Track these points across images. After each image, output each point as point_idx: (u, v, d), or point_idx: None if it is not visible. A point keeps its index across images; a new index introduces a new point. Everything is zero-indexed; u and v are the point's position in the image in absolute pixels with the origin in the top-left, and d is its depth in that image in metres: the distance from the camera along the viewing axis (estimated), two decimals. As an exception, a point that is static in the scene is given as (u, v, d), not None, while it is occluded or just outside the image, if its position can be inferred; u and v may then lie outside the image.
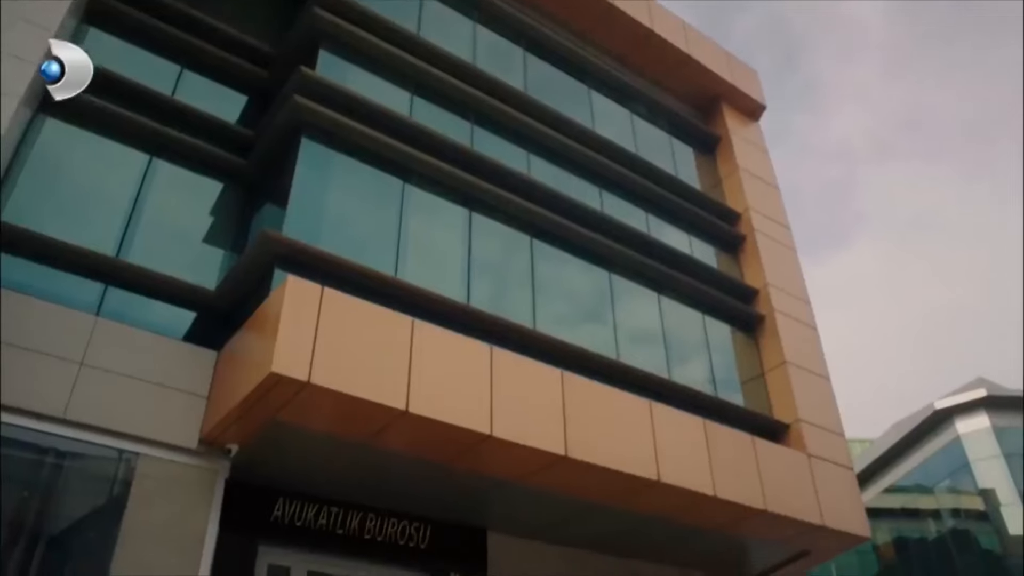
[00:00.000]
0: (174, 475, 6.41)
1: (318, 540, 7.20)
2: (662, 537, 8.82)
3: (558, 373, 7.41)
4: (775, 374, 10.35)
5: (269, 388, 5.87)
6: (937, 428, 37.49)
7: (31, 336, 5.98)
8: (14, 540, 5.80)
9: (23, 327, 5.95)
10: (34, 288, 6.30)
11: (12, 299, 6.02)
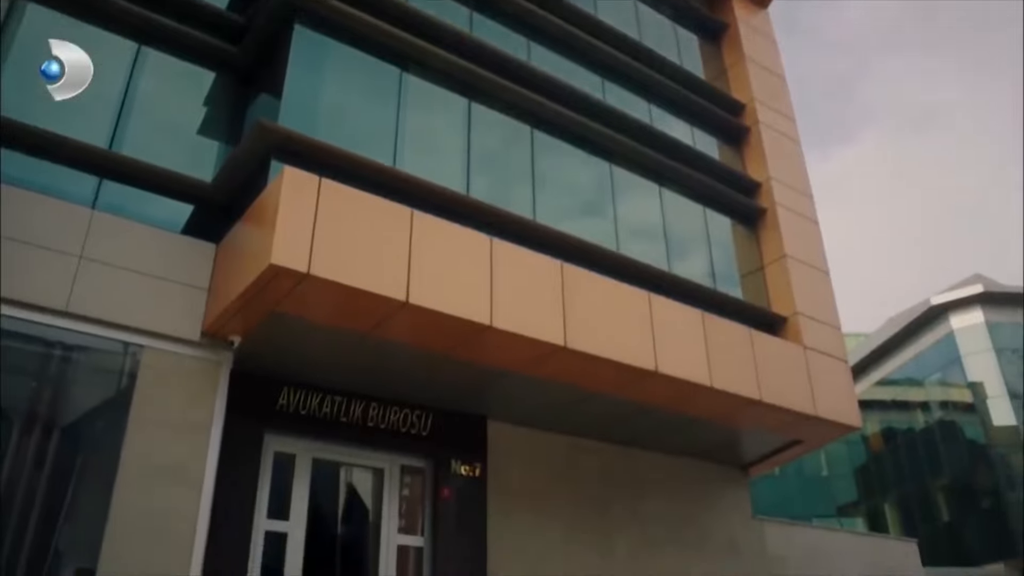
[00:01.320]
0: (178, 367, 6.50)
1: (322, 428, 7.38)
2: (659, 425, 9.03)
3: (558, 264, 7.41)
4: (774, 267, 10.37)
5: (269, 280, 5.87)
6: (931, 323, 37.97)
7: (28, 230, 5.94)
8: (29, 429, 5.95)
9: (20, 221, 5.90)
10: (28, 181, 6.20)
11: (7, 193, 5.94)
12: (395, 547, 7.51)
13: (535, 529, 8.20)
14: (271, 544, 6.88)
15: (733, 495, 10.67)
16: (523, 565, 7.96)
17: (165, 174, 6.91)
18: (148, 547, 5.82)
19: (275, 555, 6.87)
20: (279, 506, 7.04)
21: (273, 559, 6.83)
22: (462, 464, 8.01)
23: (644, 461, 9.50)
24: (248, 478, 6.77)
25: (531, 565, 8.06)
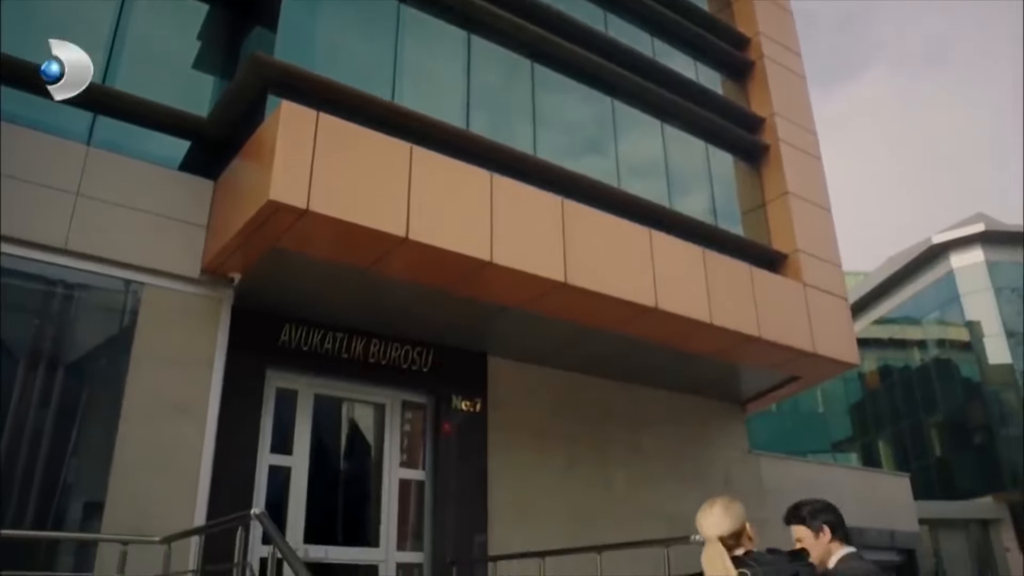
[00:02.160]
0: (179, 304, 6.53)
1: (324, 364, 7.43)
2: (658, 362, 9.10)
3: (558, 200, 7.36)
4: (776, 204, 10.31)
5: (268, 216, 5.84)
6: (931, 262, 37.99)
7: (23, 166, 5.87)
8: (34, 367, 5.99)
9: (14, 157, 5.83)
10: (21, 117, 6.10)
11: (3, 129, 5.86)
12: (397, 481, 7.64)
13: (535, 463, 8.33)
14: (275, 478, 6.99)
15: (730, 431, 10.83)
16: (523, 499, 8.11)
17: (160, 109, 6.80)
18: (154, 480, 5.93)
19: (279, 488, 7.00)
20: (282, 441, 7.14)
21: (277, 492, 6.96)
22: (463, 400, 8.10)
23: (643, 397, 9.60)
24: (251, 413, 6.84)
25: (531, 499, 8.21)
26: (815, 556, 3.08)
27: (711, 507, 2.83)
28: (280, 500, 6.96)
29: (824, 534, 3.08)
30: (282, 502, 6.97)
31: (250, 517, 3.97)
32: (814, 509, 3.19)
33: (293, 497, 7.04)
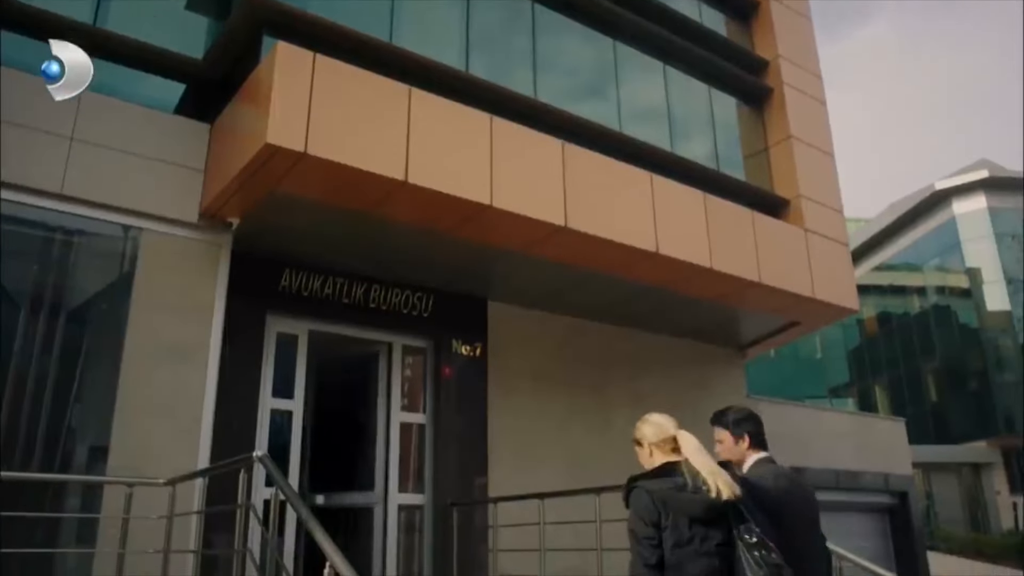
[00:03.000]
0: (178, 249, 6.50)
1: (324, 309, 7.44)
2: (658, 307, 9.11)
3: (559, 143, 7.27)
4: (779, 149, 10.20)
5: (265, 160, 5.77)
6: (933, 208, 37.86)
7: (15, 110, 5.77)
8: (36, 313, 6.00)
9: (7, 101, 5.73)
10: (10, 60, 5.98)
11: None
12: (398, 424, 7.71)
13: (534, 408, 8.41)
14: (277, 422, 7.06)
15: (729, 376, 10.89)
16: (523, 442, 8.21)
17: (154, 51, 6.67)
18: (157, 424, 5.98)
19: (281, 432, 7.07)
20: (283, 385, 7.19)
21: (279, 436, 7.04)
22: (463, 344, 8.13)
23: (642, 342, 9.64)
24: (252, 358, 6.87)
25: (530, 442, 8.30)
26: (732, 459, 3.40)
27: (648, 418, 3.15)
28: (282, 444, 7.04)
29: (743, 441, 3.42)
30: (284, 446, 7.05)
31: (253, 459, 4.00)
32: (738, 417, 3.49)
33: (295, 440, 7.12)
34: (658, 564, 2.76)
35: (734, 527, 2.77)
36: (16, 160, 5.68)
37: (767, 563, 2.69)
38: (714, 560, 2.74)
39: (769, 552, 2.72)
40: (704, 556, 2.75)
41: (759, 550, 2.71)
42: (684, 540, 2.76)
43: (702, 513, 2.78)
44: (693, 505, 2.79)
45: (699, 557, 2.75)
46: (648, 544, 2.78)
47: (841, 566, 4.68)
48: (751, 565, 2.68)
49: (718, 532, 2.77)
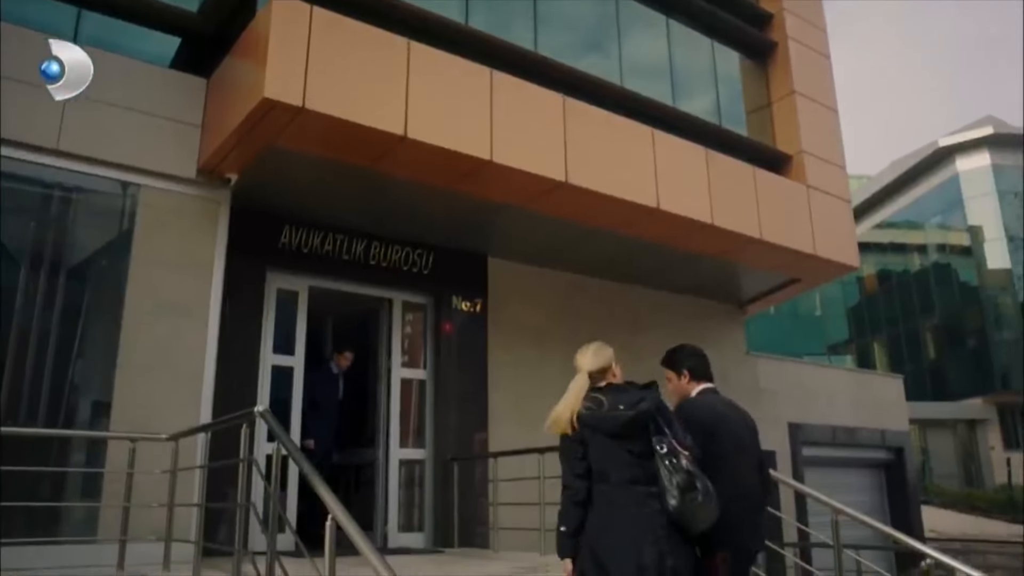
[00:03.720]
0: (177, 205, 6.47)
1: (324, 265, 7.43)
2: (659, 263, 9.10)
3: (559, 98, 7.19)
4: (782, 104, 10.08)
5: (263, 115, 5.72)
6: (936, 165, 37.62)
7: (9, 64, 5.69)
8: (36, 270, 5.99)
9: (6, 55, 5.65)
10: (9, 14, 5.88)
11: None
12: (399, 380, 7.76)
13: (534, 363, 8.42)
14: (278, 378, 7.10)
15: (729, 332, 10.93)
16: (522, 397, 8.24)
17: (148, 3, 6.57)
18: (159, 380, 6.02)
19: (283, 388, 7.11)
20: (284, 342, 7.21)
21: (281, 392, 7.08)
22: (463, 300, 8.13)
23: (642, 298, 9.65)
24: (252, 314, 6.89)
25: (530, 398, 8.33)
26: (676, 393, 3.77)
27: (586, 349, 3.40)
28: (284, 399, 7.08)
29: (685, 376, 3.77)
30: (286, 401, 7.10)
31: (254, 415, 4.02)
32: (682, 355, 3.88)
33: (297, 397, 7.16)
34: (584, 473, 3.16)
35: (652, 439, 3.12)
36: (10, 115, 5.61)
37: (679, 469, 3.04)
38: (634, 469, 3.10)
39: (680, 459, 3.07)
40: (624, 465, 3.11)
41: (671, 458, 3.06)
42: (606, 452, 3.15)
43: (619, 430, 3.14)
44: (610, 423, 3.15)
45: (620, 466, 3.12)
46: (575, 457, 3.19)
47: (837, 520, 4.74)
48: (666, 470, 3.05)
49: (637, 445, 3.12)
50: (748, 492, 3.51)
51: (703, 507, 3.05)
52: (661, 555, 3.01)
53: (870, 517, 5.09)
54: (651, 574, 3.01)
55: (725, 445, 3.43)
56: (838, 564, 4.62)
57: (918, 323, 38.11)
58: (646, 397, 3.21)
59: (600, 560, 3.06)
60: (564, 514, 3.21)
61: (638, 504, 3.08)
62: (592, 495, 3.15)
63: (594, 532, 3.12)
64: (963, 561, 4.18)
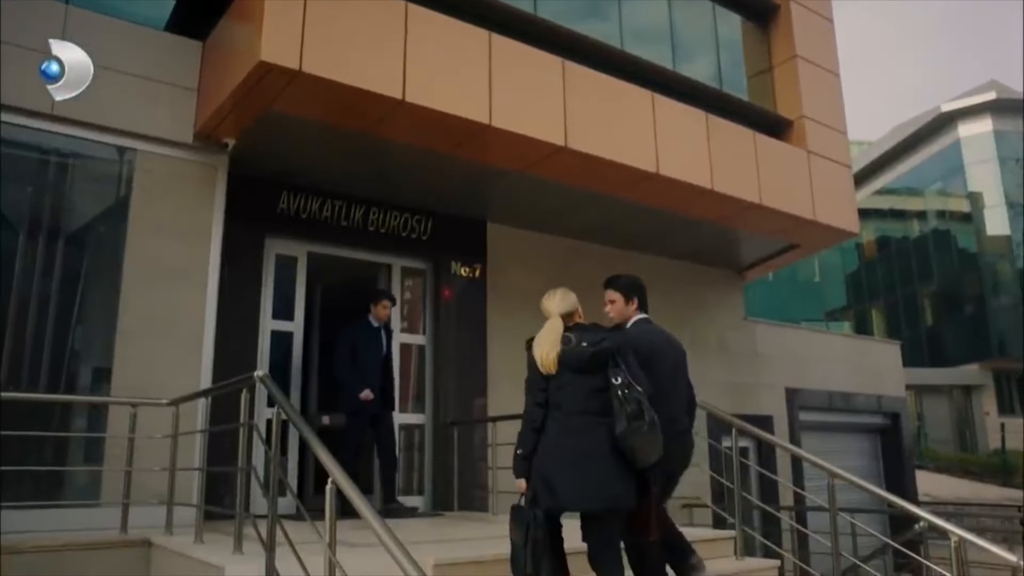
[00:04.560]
0: (174, 170, 6.42)
1: (323, 231, 7.41)
2: (658, 228, 9.08)
3: (559, 62, 7.12)
4: (783, 68, 9.98)
5: (259, 78, 5.65)
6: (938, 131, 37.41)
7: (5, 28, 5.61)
8: (34, 236, 5.97)
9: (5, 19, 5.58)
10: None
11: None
12: (398, 345, 7.77)
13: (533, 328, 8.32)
14: (278, 343, 7.12)
15: (727, 298, 10.95)
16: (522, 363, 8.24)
17: (141, -37, 6.47)
18: (159, 346, 6.04)
19: (283, 353, 7.14)
20: (283, 307, 7.22)
21: (281, 357, 7.10)
22: (462, 266, 8.13)
23: (641, 263, 9.60)
24: (251, 280, 6.89)
25: (530, 362, 8.37)
26: (620, 316, 4.23)
27: (553, 294, 3.78)
28: (284, 365, 7.11)
29: (633, 303, 4.25)
30: (286, 367, 7.12)
31: (254, 379, 4.04)
32: (631, 283, 4.36)
33: (296, 361, 7.19)
34: (543, 403, 3.51)
35: (609, 372, 3.45)
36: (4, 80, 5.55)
37: (631, 398, 3.37)
38: (589, 400, 3.45)
39: (633, 389, 3.40)
40: (581, 396, 3.46)
41: (624, 389, 3.39)
42: (565, 384, 3.48)
43: (583, 364, 3.48)
44: (575, 358, 3.49)
45: (576, 397, 3.47)
46: (536, 388, 3.55)
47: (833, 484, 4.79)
48: (618, 401, 3.37)
49: (595, 379, 3.46)
50: (677, 417, 3.94)
51: (647, 437, 3.37)
52: (606, 478, 3.38)
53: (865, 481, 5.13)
54: (595, 495, 3.38)
55: (658, 373, 3.79)
56: (833, 527, 4.68)
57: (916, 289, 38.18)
58: (608, 337, 3.58)
59: (550, 480, 3.40)
60: (522, 439, 3.56)
61: (588, 431, 3.42)
62: (546, 422, 3.49)
63: (546, 455, 3.45)
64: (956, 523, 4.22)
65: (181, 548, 4.48)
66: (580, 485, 3.37)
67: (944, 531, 4.12)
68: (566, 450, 3.42)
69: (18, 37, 5.67)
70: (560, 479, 3.39)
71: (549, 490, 3.39)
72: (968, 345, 34.60)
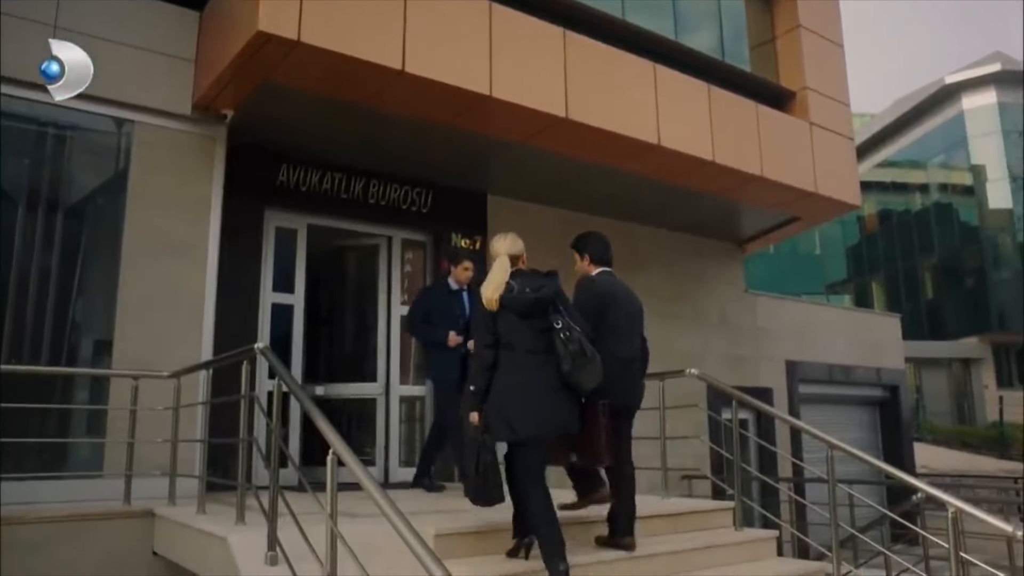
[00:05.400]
0: (172, 142, 6.38)
1: (323, 204, 7.38)
2: (659, 201, 9.05)
3: (560, 32, 7.05)
4: (786, 39, 9.88)
5: (257, 49, 5.59)
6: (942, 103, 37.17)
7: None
8: (34, 208, 5.95)
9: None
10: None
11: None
12: (399, 317, 7.77)
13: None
14: (278, 315, 7.12)
15: (728, 271, 10.95)
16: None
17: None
18: (160, 319, 6.03)
19: (283, 326, 7.14)
20: (284, 280, 7.22)
21: (281, 329, 7.11)
22: (462, 238, 8.10)
23: (642, 236, 9.61)
24: (251, 252, 6.88)
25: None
26: (581, 271, 4.64)
27: (505, 236, 4.17)
28: (285, 337, 7.12)
29: (585, 259, 4.63)
30: (287, 339, 7.13)
31: (254, 351, 4.04)
32: (586, 242, 4.75)
33: (297, 334, 7.20)
34: (493, 343, 3.91)
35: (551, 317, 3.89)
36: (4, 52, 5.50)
37: (572, 340, 3.82)
38: (535, 341, 3.89)
39: (573, 332, 3.86)
40: (527, 338, 3.89)
41: (566, 331, 3.85)
42: (513, 327, 3.90)
43: (525, 309, 3.90)
44: (518, 303, 3.90)
45: (524, 338, 3.89)
46: (487, 331, 3.94)
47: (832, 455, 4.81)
48: (561, 342, 3.83)
49: (539, 322, 3.91)
50: (631, 357, 4.46)
51: (589, 370, 3.85)
52: (554, 409, 3.87)
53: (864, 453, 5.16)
54: (545, 424, 3.86)
55: (615, 316, 4.35)
56: (832, 498, 4.71)
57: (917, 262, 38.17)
58: (546, 284, 3.98)
59: (504, 413, 3.82)
60: (475, 376, 3.98)
61: (537, 368, 3.86)
62: (498, 361, 3.89)
63: (499, 390, 3.87)
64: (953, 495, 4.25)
65: (184, 519, 4.52)
66: (534, 416, 3.82)
67: (941, 502, 4.14)
68: (519, 387, 3.84)
69: (16, 8, 5.61)
70: (517, 413, 3.81)
71: (506, 423, 3.81)
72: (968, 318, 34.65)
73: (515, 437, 3.84)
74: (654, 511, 5.00)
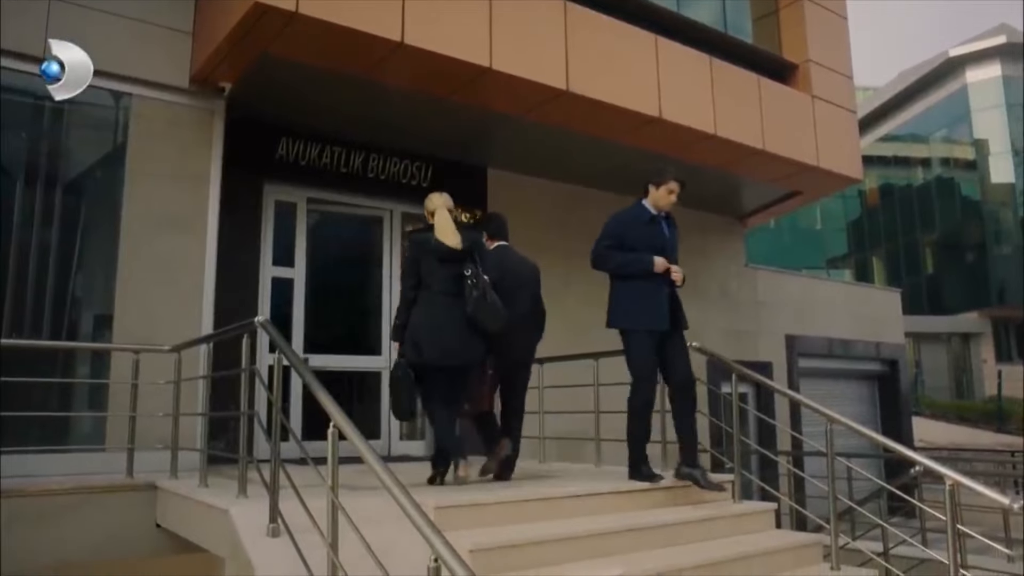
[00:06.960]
0: (171, 116, 6.33)
1: (323, 178, 7.36)
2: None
3: (561, 3, 6.97)
4: (789, 11, 9.77)
5: (255, 20, 5.55)
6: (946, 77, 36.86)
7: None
8: (32, 182, 5.92)
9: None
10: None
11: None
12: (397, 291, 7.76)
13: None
14: (279, 290, 7.12)
15: (728, 245, 10.93)
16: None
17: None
18: (160, 293, 6.04)
19: (283, 300, 7.14)
20: (284, 254, 7.20)
21: (281, 304, 7.11)
22: (463, 212, 8.04)
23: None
24: (251, 226, 6.87)
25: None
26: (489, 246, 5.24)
27: (440, 194, 4.95)
28: (285, 311, 7.12)
29: (488, 238, 5.32)
30: (287, 313, 7.13)
31: (255, 325, 4.04)
32: (487, 222, 5.70)
33: (297, 308, 7.20)
34: (415, 285, 4.71)
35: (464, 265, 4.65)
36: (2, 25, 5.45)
37: (477, 287, 4.58)
38: (449, 283, 4.63)
39: (479, 280, 4.61)
40: (443, 280, 4.65)
41: (473, 278, 4.61)
42: (432, 270, 4.67)
43: (445, 255, 4.66)
44: (440, 250, 4.67)
45: (440, 281, 4.65)
46: (412, 273, 4.74)
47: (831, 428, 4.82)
48: (468, 285, 4.60)
49: (455, 268, 4.66)
50: (524, 318, 5.06)
51: (488, 312, 4.57)
52: (460, 342, 4.60)
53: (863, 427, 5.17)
54: (448, 353, 4.59)
55: (508, 283, 4.90)
56: (831, 471, 4.72)
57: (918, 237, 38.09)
58: (469, 237, 4.78)
59: (418, 344, 4.58)
60: (400, 312, 4.80)
61: (448, 307, 4.59)
62: (417, 299, 4.67)
63: (417, 324, 4.63)
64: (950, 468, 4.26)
65: (186, 491, 4.55)
66: (439, 344, 4.56)
67: (939, 475, 4.16)
68: (433, 322, 4.59)
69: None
70: (425, 340, 4.56)
71: (414, 347, 4.59)
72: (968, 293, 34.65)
73: (420, 359, 4.57)
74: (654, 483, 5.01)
